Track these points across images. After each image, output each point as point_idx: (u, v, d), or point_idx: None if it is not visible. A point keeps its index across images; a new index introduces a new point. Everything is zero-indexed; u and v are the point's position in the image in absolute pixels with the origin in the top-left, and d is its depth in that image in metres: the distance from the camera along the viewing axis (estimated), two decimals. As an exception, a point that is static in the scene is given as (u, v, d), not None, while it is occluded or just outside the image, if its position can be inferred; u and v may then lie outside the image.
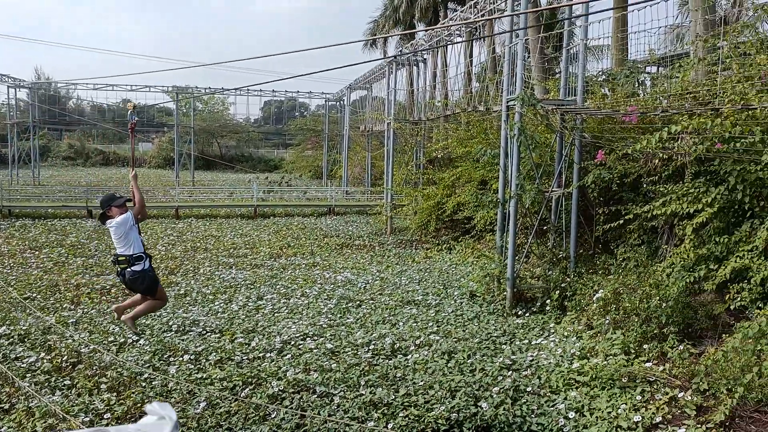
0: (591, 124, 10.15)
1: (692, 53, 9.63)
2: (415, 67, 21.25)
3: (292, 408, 5.82)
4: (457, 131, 17.28)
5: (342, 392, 6.20)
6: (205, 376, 6.65)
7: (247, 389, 6.30)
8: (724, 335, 6.60)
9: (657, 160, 8.62)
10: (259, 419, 5.65)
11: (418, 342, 7.84)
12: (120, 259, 7.09)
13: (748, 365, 5.81)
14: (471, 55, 23.13)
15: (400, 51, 21.90)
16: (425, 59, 20.78)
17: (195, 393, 6.19)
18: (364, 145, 32.70)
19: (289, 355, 7.30)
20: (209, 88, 37.89)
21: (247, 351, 7.48)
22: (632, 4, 9.89)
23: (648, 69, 13.09)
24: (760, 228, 6.69)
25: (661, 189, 8.35)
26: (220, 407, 5.87)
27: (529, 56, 14.17)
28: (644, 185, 9.22)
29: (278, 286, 11.09)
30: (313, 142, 47.99)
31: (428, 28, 25.46)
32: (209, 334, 8.18)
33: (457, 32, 16.78)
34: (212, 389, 6.26)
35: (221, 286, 11.09)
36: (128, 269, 7.08)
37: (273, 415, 5.71)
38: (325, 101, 41.62)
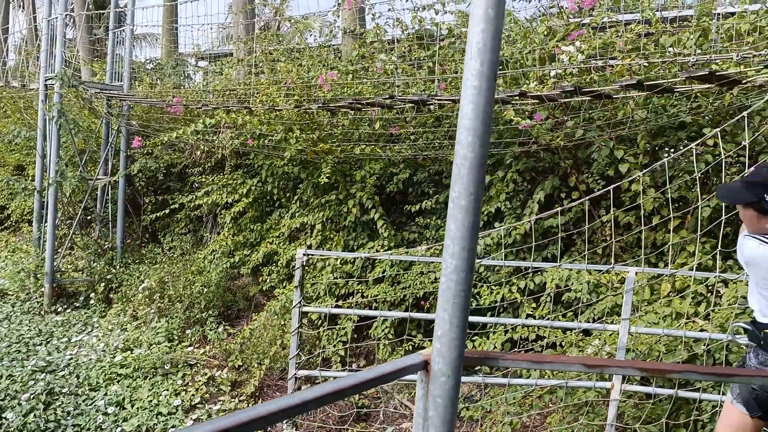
0: (139, 112, 10.00)
1: (235, 53, 10.33)
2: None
3: None
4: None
5: None
6: None
7: None
8: (255, 314, 7.29)
9: (200, 152, 9.00)
10: None
11: (-75, 355, 6.61)
12: None
13: (274, 339, 6.54)
14: (7, 22, 20.44)
15: None
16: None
17: None
18: None
19: None
20: None
21: None
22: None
23: (201, 63, 13.55)
24: (286, 216, 7.59)
25: (204, 180, 8.75)
26: None
27: (75, 33, 13.19)
28: (191, 175, 9.52)
29: None
30: None
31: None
32: None
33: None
34: None
35: None
36: None
37: None
38: None
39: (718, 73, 3.94)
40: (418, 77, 6.39)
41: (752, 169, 2.82)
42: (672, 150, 5.45)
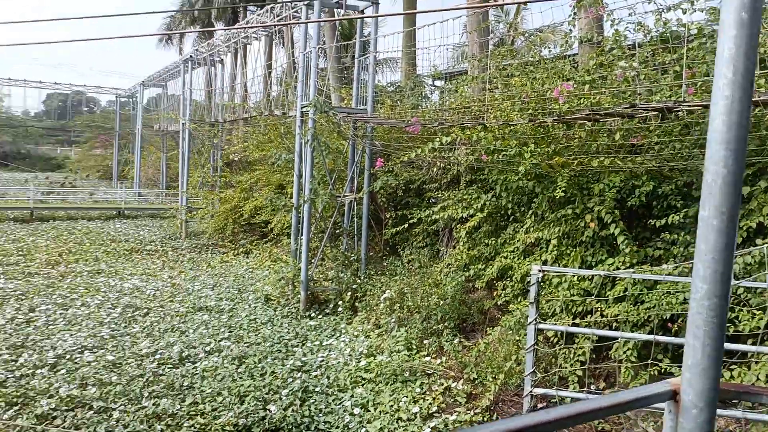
0: (381, 132, 10.69)
1: (469, 71, 10.56)
2: (212, 67, 20.75)
3: (64, 427, 5.43)
4: (255, 135, 17.19)
5: (122, 406, 5.91)
6: (-43, 401, 5.96)
7: (11, 410, 5.75)
8: (490, 328, 7.32)
9: (436, 168, 9.32)
10: (25, 443, 5.20)
11: (208, 349, 7.70)
12: None
13: (509, 354, 6.51)
14: (270, 59, 23.13)
15: (197, 50, 21.24)
16: (222, 59, 20.38)
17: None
18: (159, 146, 31.16)
19: (64, 370, 6.78)
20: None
21: (14, 368, 6.81)
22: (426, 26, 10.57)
23: (438, 83, 14.09)
24: (520, 231, 7.54)
25: (440, 195, 9.06)
26: (-24, 434, 5.31)
27: (327, 63, 14.52)
28: (428, 191, 9.91)
29: (55, 296, 10.22)
30: (103, 141, 44.68)
31: (225, 27, 24.99)
32: (-34, 353, 7.33)
33: (254, 35, 16.69)
34: (-32, 415, 5.63)
35: (-16, 298, 9.96)
36: None
37: (42, 438, 5.29)
38: (117, 97, 39.02)
39: None
40: (662, 83, 5.97)
41: None
42: None
